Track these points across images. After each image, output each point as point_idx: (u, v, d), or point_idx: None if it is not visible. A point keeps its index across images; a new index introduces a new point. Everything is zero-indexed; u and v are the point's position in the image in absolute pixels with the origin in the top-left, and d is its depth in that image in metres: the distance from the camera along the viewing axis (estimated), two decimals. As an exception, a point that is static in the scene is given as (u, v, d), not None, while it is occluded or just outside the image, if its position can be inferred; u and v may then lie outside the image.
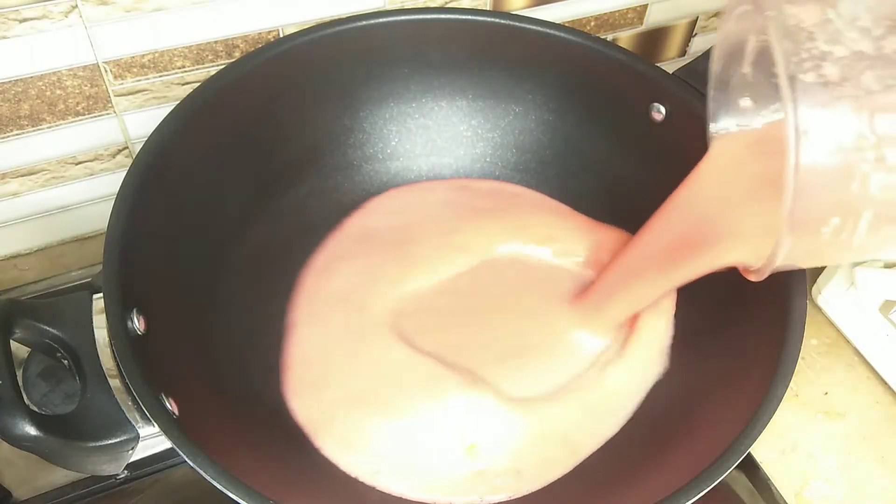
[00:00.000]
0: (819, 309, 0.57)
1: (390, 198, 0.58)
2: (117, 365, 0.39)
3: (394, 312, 0.51)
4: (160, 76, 0.53)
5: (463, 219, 0.56)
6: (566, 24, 0.62)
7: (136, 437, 0.38)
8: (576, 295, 0.53)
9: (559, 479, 0.47)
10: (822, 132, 0.33)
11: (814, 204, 0.35)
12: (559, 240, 0.55)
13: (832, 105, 0.33)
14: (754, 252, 0.39)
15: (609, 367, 0.50)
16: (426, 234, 0.55)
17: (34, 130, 0.52)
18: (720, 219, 0.42)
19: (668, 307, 0.52)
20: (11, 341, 0.39)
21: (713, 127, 0.43)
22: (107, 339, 0.40)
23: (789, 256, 0.37)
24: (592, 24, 0.65)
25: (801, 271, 0.43)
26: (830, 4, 0.35)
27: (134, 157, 0.45)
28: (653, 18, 0.67)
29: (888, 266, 0.50)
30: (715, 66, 0.41)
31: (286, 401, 0.48)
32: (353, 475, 0.45)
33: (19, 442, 0.36)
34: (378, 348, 0.49)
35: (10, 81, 0.49)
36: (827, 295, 0.56)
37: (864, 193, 0.34)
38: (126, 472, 0.41)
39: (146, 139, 0.45)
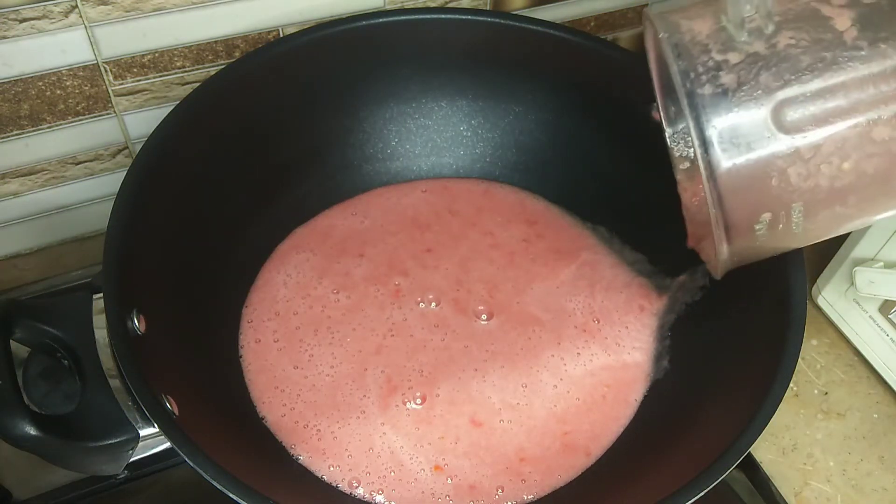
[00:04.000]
0: (819, 309, 0.57)
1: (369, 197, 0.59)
2: (117, 365, 0.39)
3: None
4: (160, 76, 0.53)
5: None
6: (566, 24, 0.62)
7: (136, 437, 0.38)
8: None
9: (559, 480, 0.47)
10: (728, 140, 0.35)
11: (738, 207, 0.36)
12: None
13: (734, 111, 0.35)
14: (711, 255, 0.40)
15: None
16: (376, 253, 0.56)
17: (34, 130, 0.52)
18: (690, 223, 0.44)
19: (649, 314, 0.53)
20: (11, 341, 0.39)
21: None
22: (107, 339, 0.40)
23: (735, 255, 0.38)
24: (592, 24, 0.65)
25: (802, 272, 0.43)
26: (722, 11, 0.36)
27: (134, 157, 0.45)
28: (653, 18, 0.67)
29: (888, 266, 0.50)
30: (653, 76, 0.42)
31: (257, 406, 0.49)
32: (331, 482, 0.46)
33: (19, 442, 0.36)
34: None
35: (10, 81, 0.49)
36: (827, 295, 0.56)
37: (786, 187, 0.35)
38: (126, 472, 0.41)
39: (146, 139, 0.46)
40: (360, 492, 0.45)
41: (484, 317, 0.53)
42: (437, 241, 0.57)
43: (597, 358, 0.51)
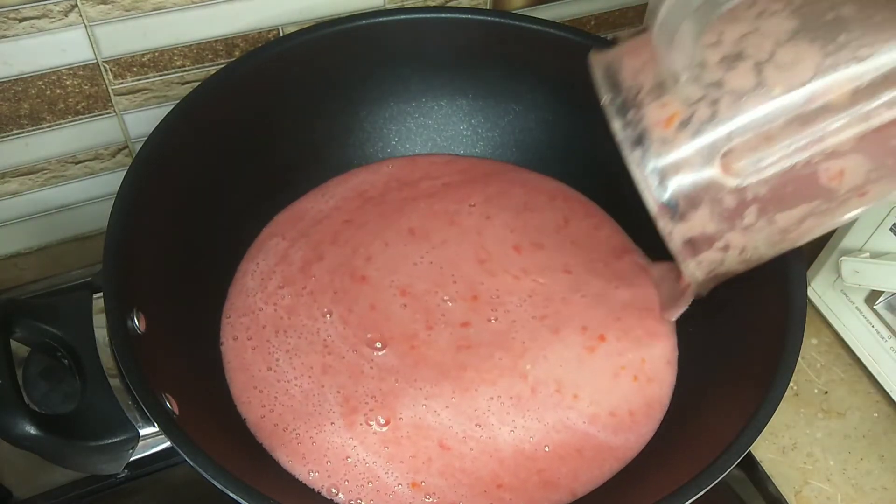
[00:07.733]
0: (809, 301, 0.57)
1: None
2: (117, 364, 0.39)
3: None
4: (160, 75, 0.53)
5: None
6: (566, 24, 0.62)
7: (136, 437, 0.38)
8: None
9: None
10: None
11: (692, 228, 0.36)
12: None
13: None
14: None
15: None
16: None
17: (34, 129, 0.52)
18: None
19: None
20: (11, 341, 0.39)
21: None
22: (107, 338, 0.40)
23: (709, 271, 0.38)
24: (592, 23, 0.65)
25: (802, 271, 0.43)
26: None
27: (134, 156, 0.45)
28: (653, 17, 0.67)
29: (875, 256, 0.50)
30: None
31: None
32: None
33: (19, 441, 0.36)
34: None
35: (10, 81, 0.49)
36: (816, 286, 0.55)
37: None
38: (126, 471, 0.41)
39: (146, 138, 0.45)
40: (340, 498, 0.43)
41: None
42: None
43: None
